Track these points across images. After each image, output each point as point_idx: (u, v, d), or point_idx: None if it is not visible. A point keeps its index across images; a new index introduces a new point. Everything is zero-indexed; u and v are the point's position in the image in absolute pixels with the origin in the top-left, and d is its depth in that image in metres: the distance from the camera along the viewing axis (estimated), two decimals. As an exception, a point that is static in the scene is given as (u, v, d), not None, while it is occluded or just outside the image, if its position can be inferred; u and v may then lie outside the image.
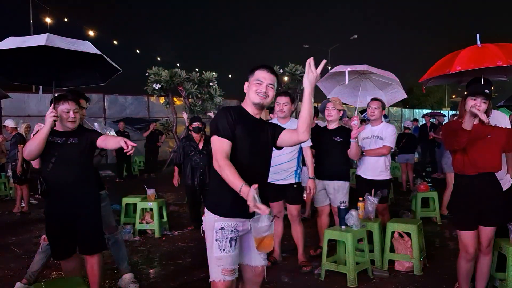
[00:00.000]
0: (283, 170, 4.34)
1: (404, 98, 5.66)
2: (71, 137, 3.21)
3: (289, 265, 4.50)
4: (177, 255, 5.06)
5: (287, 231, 4.67)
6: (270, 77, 2.55)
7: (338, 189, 4.59)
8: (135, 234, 5.87)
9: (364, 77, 5.60)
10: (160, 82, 13.10)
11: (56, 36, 3.42)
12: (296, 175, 4.40)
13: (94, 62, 3.74)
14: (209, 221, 2.55)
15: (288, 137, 2.59)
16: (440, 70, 4.28)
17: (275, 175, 4.40)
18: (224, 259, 2.48)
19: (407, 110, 32.31)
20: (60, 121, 3.21)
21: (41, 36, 3.35)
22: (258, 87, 2.52)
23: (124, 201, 6.41)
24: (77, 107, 3.28)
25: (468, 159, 3.17)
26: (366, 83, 5.69)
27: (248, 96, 2.57)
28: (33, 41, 3.30)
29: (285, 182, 4.38)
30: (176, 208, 7.93)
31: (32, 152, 3.10)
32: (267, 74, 2.54)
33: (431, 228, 5.93)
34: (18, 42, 3.33)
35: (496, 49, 3.92)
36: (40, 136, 3.07)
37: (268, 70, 2.56)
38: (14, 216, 7.57)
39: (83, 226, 3.23)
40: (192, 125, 6.35)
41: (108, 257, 4.76)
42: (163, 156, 16.14)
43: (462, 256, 3.28)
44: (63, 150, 3.16)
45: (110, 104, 16.32)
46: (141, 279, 4.20)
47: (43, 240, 3.80)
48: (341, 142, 4.53)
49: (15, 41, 3.37)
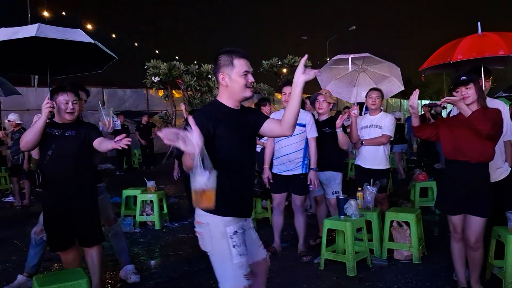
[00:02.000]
0: (290, 161, 4.35)
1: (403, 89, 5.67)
2: (69, 130, 3.22)
3: (289, 255, 4.53)
4: (177, 246, 5.09)
5: (287, 221, 4.70)
6: (249, 64, 2.33)
7: (329, 180, 4.61)
8: (136, 226, 5.90)
9: (361, 70, 5.60)
10: (159, 75, 13.08)
11: (47, 26, 3.41)
12: (303, 166, 4.40)
13: (89, 50, 3.73)
14: (217, 227, 2.27)
15: (270, 128, 2.41)
16: (441, 58, 4.26)
17: (282, 166, 4.41)
18: (245, 264, 2.30)
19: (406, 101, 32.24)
20: (58, 112, 3.21)
21: (31, 27, 3.35)
22: (246, 80, 2.29)
23: (124, 193, 6.44)
24: (76, 99, 3.29)
25: (456, 146, 3.18)
26: (362, 78, 5.70)
27: (231, 90, 2.31)
28: (24, 32, 3.29)
29: (291, 173, 4.39)
30: (176, 200, 7.96)
31: (28, 143, 3.11)
32: (247, 62, 2.31)
33: (429, 218, 5.96)
34: (9, 33, 3.32)
35: (498, 38, 3.90)
36: (36, 126, 3.08)
37: (247, 57, 2.32)
38: (14, 210, 7.60)
39: (80, 218, 3.25)
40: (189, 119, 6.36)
41: (109, 249, 4.80)
42: (163, 148, 16.14)
43: (452, 237, 3.33)
44: (60, 142, 3.18)
45: (109, 97, 16.31)
46: (142, 270, 4.23)
47: (33, 233, 3.82)
48: (330, 133, 4.54)
49: (6, 32, 3.36)
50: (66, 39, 3.35)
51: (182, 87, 13.72)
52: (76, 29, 3.61)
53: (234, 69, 2.28)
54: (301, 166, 4.40)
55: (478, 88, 3.14)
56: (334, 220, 4.15)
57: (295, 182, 4.43)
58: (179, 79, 13.49)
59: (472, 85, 3.13)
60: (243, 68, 2.28)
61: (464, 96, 3.14)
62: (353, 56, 5.23)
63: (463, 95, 3.14)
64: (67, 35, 3.39)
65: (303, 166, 4.41)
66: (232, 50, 2.31)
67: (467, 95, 3.13)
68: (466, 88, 3.14)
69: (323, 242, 4.13)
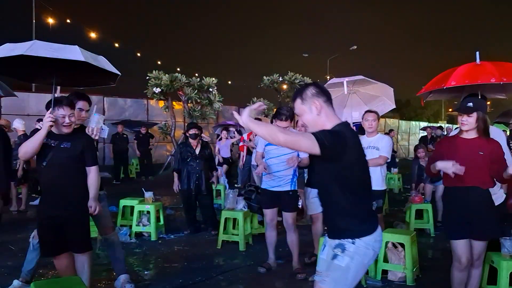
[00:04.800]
0: (279, 178, 4.41)
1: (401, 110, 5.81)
2: (65, 141, 3.30)
3: (284, 272, 4.54)
4: (173, 258, 5.10)
5: (282, 238, 4.73)
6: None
7: None
8: (132, 236, 5.91)
9: (352, 91, 5.72)
10: (160, 86, 13.17)
11: (43, 43, 3.54)
12: (292, 183, 4.46)
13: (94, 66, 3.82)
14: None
15: None
16: (436, 84, 4.40)
17: (271, 182, 4.47)
18: None
19: (404, 122, 32.47)
20: (56, 124, 3.29)
21: (26, 44, 3.49)
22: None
23: (121, 203, 6.46)
24: (73, 112, 3.37)
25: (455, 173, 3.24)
26: (353, 99, 5.81)
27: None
28: (17, 51, 3.45)
29: (280, 189, 4.44)
30: (172, 211, 7.96)
31: (27, 153, 3.26)
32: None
33: (424, 240, 6.00)
34: (7, 50, 3.51)
35: (492, 67, 4.03)
36: (37, 138, 3.19)
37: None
38: (11, 215, 7.58)
39: (72, 226, 3.33)
40: (189, 132, 6.44)
41: (104, 258, 4.81)
42: (160, 159, 16.17)
43: (455, 266, 3.35)
44: (55, 153, 3.27)
45: (110, 106, 16.36)
46: (137, 280, 4.24)
47: (32, 238, 3.87)
48: None
49: (8, 48, 3.55)
50: (55, 57, 3.48)
51: (183, 99, 13.81)
52: (74, 45, 3.70)
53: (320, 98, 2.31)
54: (290, 183, 4.46)
55: (481, 119, 3.22)
56: (330, 238, 4.17)
57: (284, 198, 4.48)
58: (180, 91, 13.58)
59: (475, 114, 3.21)
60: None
61: (462, 122, 3.23)
62: (348, 79, 5.35)
63: (462, 121, 3.22)
64: (61, 53, 3.50)
65: (292, 183, 4.47)
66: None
67: (466, 122, 3.22)
68: (468, 116, 3.22)
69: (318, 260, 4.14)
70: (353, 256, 2.23)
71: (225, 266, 4.79)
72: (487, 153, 3.18)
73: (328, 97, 2.34)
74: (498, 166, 3.14)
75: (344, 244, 2.25)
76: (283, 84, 16.63)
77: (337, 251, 2.26)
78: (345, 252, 2.23)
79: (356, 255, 2.23)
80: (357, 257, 2.23)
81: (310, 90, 2.31)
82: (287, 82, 16.36)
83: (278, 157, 4.39)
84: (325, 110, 2.29)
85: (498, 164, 3.15)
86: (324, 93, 2.33)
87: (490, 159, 3.17)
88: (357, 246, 2.23)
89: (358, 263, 2.24)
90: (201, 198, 6.36)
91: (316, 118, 2.29)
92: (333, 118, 2.30)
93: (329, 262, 2.27)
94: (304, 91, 2.32)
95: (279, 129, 2.17)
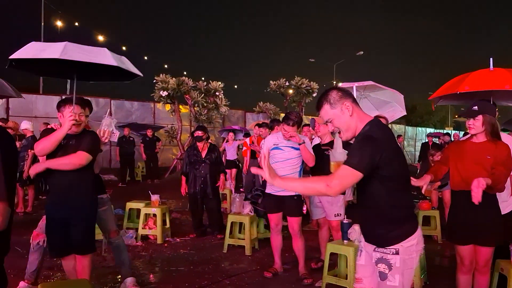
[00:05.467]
0: None
1: (407, 116, 5.78)
2: (72, 139, 3.33)
3: (291, 277, 4.52)
4: (178, 262, 5.09)
5: (288, 242, 4.70)
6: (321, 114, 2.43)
7: (332, 202, 4.63)
8: (138, 239, 5.91)
9: (363, 96, 5.70)
10: (167, 89, 13.21)
11: (74, 45, 3.51)
12: None
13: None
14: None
15: None
16: (449, 89, 4.36)
17: (276, 186, 4.43)
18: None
19: (410, 128, 32.36)
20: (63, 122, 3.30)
21: (58, 46, 3.44)
22: None
23: (128, 205, 6.46)
24: (82, 111, 3.41)
25: (462, 177, 3.21)
26: (364, 104, 5.78)
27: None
28: (49, 52, 3.42)
29: (285, 194, 4.41)
30: (178, 215, 7.96)
31: (45, 150, 3.25)
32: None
33: (432, 247, 5.94)
34: (37, 50, 3.45)
35: (507, 74, 3.99)
36: (57, 136, 3.22)
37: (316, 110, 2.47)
38: (17, 216, 7.60)
39: (76, 227, 3.34)
40: (194, 134, 6.44)
41: (110, 261, 4.81)
42: (166, 163, 16.19)
43: (458, 269, 3.32)
44: (63, 151, 3.28)
45: (117, 109, 16.41)
46: (143, 284, 4.23)
47: (31, 239, 3.89)
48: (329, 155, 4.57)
49: (35, 48, 3.48)
50: (89, 61, 3.47)
51: (189, 102, 13.84)
52: (102, 48, 3.70)
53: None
54: None
55: (487, 122, 3.19)
56: (337, 244, 4.16)
57: (288, 203, 4.45)
58: (187, 94, 13.61)
59: (480, 117, 3.18)
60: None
61: (469, 126, 3.21)
62: (358, 84, 5.33)
63: (469, 125, 3.21)
64: (92, 57, 3.49)
65: None
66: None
67: (472, 126, 3.20)
68: (473, 119, 3.20)
69: (325, 266, 4.13)
70: (402, 270, 2.19)
71: (231, 271, 4.77)
72: (494, 156, 3.14)
73: (353, 98, 2.32)
74: (502, 168, 3.06)
75: (388, 260, 2.20)
76: (289, 89, 16.64)
77: (383, 268, 2.21)
78: (393, 269, 2.19)
79: (405, 267, 2.19)
80: (406, 269, 2.20)
81: (335, 94, 2.28)
82: (293, 87, 16.37)
83: (283, 162, 4.38)
84: (356, 110, 2.27)
85: (502, 165, 3.07)
86: (349, 94, 2.31)
87: (498, 162, 3.12)
88: (402, 257, 2.18)
89: (408, 273, 2.22)
90: (207, 201, 6.35)
91: (349, 120, 2.26)
92: (364, 116, 2.29)
93: (381, 284, 2.23)
94: (330, 96, 2.28)
95: (321, 184, 2.11)
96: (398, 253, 2.18)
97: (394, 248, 2.19)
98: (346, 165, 2.10)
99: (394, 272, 2.18)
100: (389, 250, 2.20)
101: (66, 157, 3.26)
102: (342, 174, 2.10)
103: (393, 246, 2.19)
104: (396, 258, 2.18)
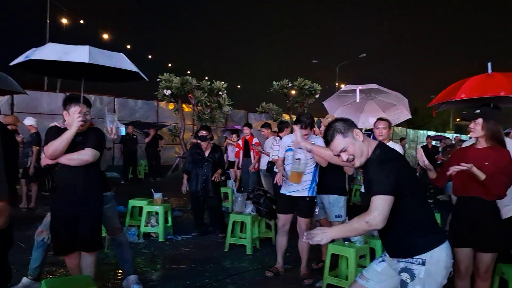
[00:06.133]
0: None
1: (409, 119, 5.79)
2: (78, 136, 3.33)
3: (291, 277, 4.54)
4: (180, 259, 5.12)
5: (290, 243, 4.72)
6: (334, 146, 2.41)
7: (333, 203, 4.65)
8: (140, 236, 5.94)
9: (369, 97, 5.71)
10: (171, 88, 13.25)
11: (96, 50, 3.50)
12: (311, 189, 4.43)
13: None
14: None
15: None
16: (447, 96, 4.38)
17: (289, 187, 4.44)
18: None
19: (412, 131, 32.29)
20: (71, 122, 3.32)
21: (83, 51, 3.41)
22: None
23: (130, 203, 6.49)
24: (88, 110, 3.42)
25: (462, 183, 3.23)
26: (370, 105, 5.80)
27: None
28: (76, 56, 3.38)
29: (298, 194, 4.42)
30: (180, 213, 7.99)
31: (56, 152, 3.24)
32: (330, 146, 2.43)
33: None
34: (60, 52, 3.41)
35: (503, 79, 4.00)
36: (67, 137, 3.22)
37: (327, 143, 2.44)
38: (20, 212, 7.65)
39: (83, 224, 3.35)
40: (199, 133, 6.47)
41: (112, 258, 4.83)
42: (169, 161, 16.22)
43: (455, 274, 3.33)
44: (70, 149, 3.29)
45: (120, 107, 16.44)
46: (144, 281, 4.25)
47: (36, 235, 3.92)
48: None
49: (57, 50, 3.45)
50: (113, 66, 3.48)
51: (192, 102, 13.87)
52: (119, 53, 3.71)
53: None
54: (308, 189, 4.43)
55: (488, 127, 3.19)
56: (338, 245, 4.18)
57: (301, 204, 4.46)
58: (191, 94, 13.64)
59: (480, 121, 3.20)
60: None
61: (470, 129, 3.24)
62: (361, 87, 5.34)
63: (470, 128, 3.24)
64: (114, 61, 3.51)
65: (310, 189, 4.44)
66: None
67: (473, 129, 3.23)
68: (474, 122, 3.22)
69: (326, 266, 4.15)
70: (424, 282, 2.17)
71: (232, 269, 4.79)
72: (494, 163, 3.13)
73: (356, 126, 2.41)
74: (502, 177, 3.04)
75: (412, 270, 2.20)
76: (292, 90, 16.64)
77: (406, 277, 2.21)
78: (415, 280, 2.18)
79: (428, 279, 2.18)
80: (429, 281, 2.18)
81: (342, 124, 2.37)
82: (296, 88, 16.37)
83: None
84: (364, 136, 2.35)
85: (502, 174, 3.05)
86: (353, 123, 2.40)
87: (497, 169, 3.10)
88: (428, 268, 2.18)
89: (433, 284, 2.20)
90: (209, 200, 6.37)
91: (362, 145, 2.33)
92: (371, 141, 2.37)
93: None
94: (338, 126, 2.35)
95: (362, 224, 2.14)
96: (424, 263, 2.19)
97: (421, 258, 2.20)
98: (376, 195, 2.13)
99: (416, 283, 2.19)
100: (415, 260, 2.22)
101: (75, 153, 3.29)
102: (377, 205, 2.12)
103: (419, 256, 2.21)
104: (421, 269, 2.19)
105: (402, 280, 2.24)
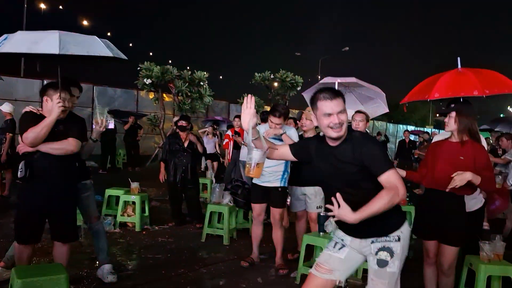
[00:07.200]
0: (270, 173, 4.43)
1: (389, 113, 5.89)
2: (59, 124, 3.26)
3: (267, 267, 4.58)
4: (156, 249, 5.11)
5: (267, 234, 4.76)
6: (336, 103, 2.32)
7: (316, 194, 4.70)
8: (116, 226, 5.89)
9: (348, 90, 5.77)
10: (151, 77, 13.09)
11: (67, 35, 3.35)
12: (282, 179, 4.48)
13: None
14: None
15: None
16: (420, 94, 4.44)
17: (261, 177, 4.47)
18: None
19: (391, 125, 32.75)
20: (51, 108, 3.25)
21: (53, 39, 3.25)
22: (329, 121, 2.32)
23: (107, 192, 6.44)
24: (69, 97, 3.36)
25: (434, 176, 3.30)
26: (349, 97, 5.85)
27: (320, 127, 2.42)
28: (45, 46, 3.23)
29: (270, 185, 4.47)
30: (158, 203, 7.95)
31: (37, 140, 3.15)
32: (331, 102, 2.31)
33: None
34: (29, 43, 3.27)
35: (474, 78, 4.07)
36: (47, 124, 3.14)
37: (330, 98, 2.32)
38: (-7, 200, 7.51)
39: (59, 214, 3.32)
40: (178, 123, 6.44)
41: (87, 247, 4.80)
42: (148, 151, 16.09)
43: (425, 261, 3.46)
44: (52, 137, 3.22)
45: (99, 95, 16.21)
46: (119, 270, 4.23)
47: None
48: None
49: (25, 39, 3.32)
50: (86, 54, 3.35)
51: (173, 91, 13.74)
52: (92, 36, 3.56)
53: (317, 110, 2.38)
54: (280, 179, 4.48)
55: (460, 120, 3.27)
56: (314, 236, 4.23)
57: (273, 194, 4.51)
58: (171, 83, 13.51)
59: (453, 114, 3.28)
60: (323, 109, 2.33)
61: (445, 123, 3.34)
62: (340, 80, 5.39)
63: (445, 122, 3.33)
64: (87, 48, 3.37)
65: (282, 179, 4.49)
66: (320, 91, 2.38)
67: (447, 123, 3.33)
68: (448, 116, 3.31)
69: (301, 257, 4.20)
70: (401, 256, 2.35)
71: (208, 259, 4.81)
72: (469, 158, 3.21)
73: None
74: (488, 173, 3.16)
75: (391, 247, 2.33)
76: (274, 82, 16.64)
77: (385, 256, 2.33)
78: (394, 257, 2.32)
79: (402, 254, 2.36)
80: (403, 254, 2.36)
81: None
82: (278, 80, 16.37)
83: None
84: None
85: (487, 170, 3.16)
86: None
87: (474, 165, 3.18)
88: (402, 244, 2.35)
89: (403, 258, 2.38)
90: (187, 190, 6.37)
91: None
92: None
93: (380, 271, 2.33)
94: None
95: (393, 196, 2.18)
96: (399, 239, 2.34)
97: (397, 235, 2.35)
98: (387, 171, 2.23)
99: (395, 259, 2.33)
100: (392, 238, 2.35)
101: (58, 142, 3.23)
102: (397, 177, 2.24)
103: (395, 233, 2.35)
104: (398, 245, 2.34)
105: (381, 259, 2.34)
